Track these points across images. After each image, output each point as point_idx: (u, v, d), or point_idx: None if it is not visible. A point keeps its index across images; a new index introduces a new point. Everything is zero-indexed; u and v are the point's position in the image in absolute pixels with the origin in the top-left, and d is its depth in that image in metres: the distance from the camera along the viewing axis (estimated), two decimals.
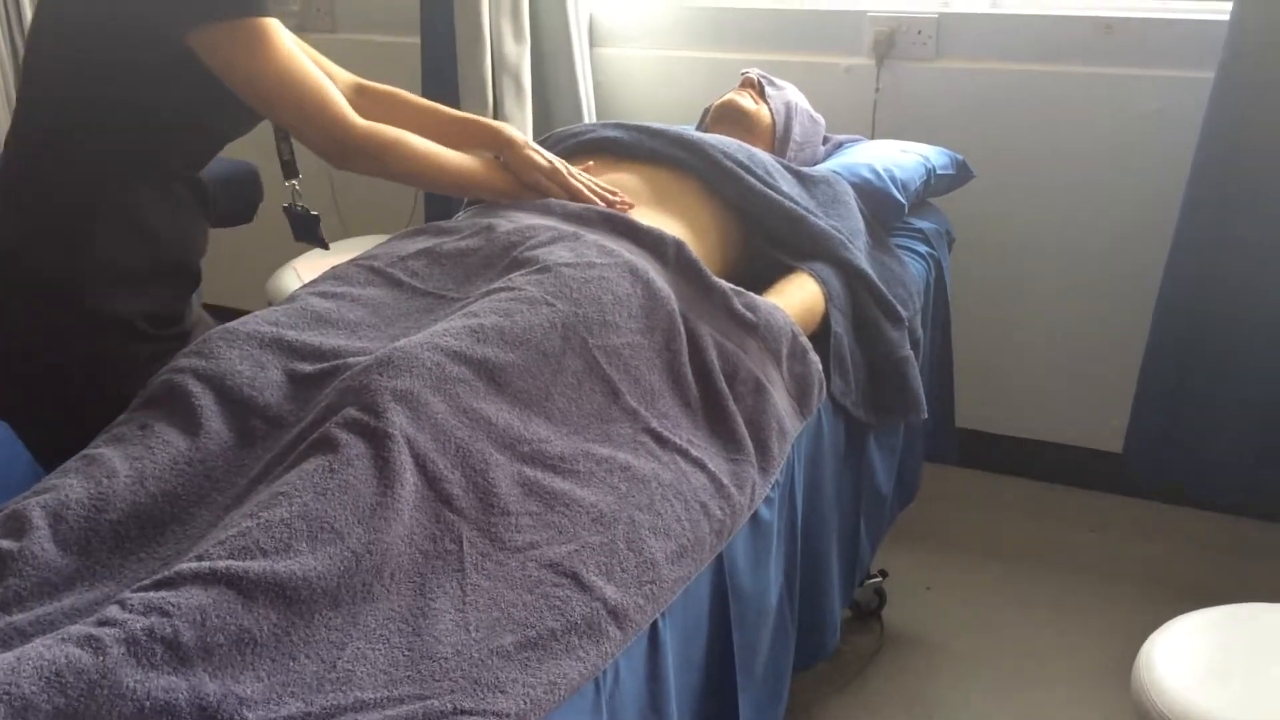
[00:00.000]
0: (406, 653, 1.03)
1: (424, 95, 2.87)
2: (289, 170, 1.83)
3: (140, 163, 1.55)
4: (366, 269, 1.55)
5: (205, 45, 1.45)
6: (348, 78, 1.85)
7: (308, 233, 1.88)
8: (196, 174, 1.65)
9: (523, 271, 1.46)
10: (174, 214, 1.60)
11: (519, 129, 2.74)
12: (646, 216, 1.69)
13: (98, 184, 1.52)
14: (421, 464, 1.17)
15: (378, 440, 1.16)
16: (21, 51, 3.29)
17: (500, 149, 1.75)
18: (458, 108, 2.79)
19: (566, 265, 1.46)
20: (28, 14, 3.29)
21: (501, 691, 1.00)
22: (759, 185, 1.83)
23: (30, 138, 1.55)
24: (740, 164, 1.84)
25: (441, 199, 2.90)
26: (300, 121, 1.53)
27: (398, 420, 1.18)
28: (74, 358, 1.51)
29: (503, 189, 1.73)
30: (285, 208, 1.86)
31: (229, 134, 1.67)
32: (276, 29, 1.50)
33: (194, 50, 1.45)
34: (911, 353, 1.83)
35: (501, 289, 1.43)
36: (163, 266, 1.59)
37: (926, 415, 1.85)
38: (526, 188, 1.73)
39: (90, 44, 1.48)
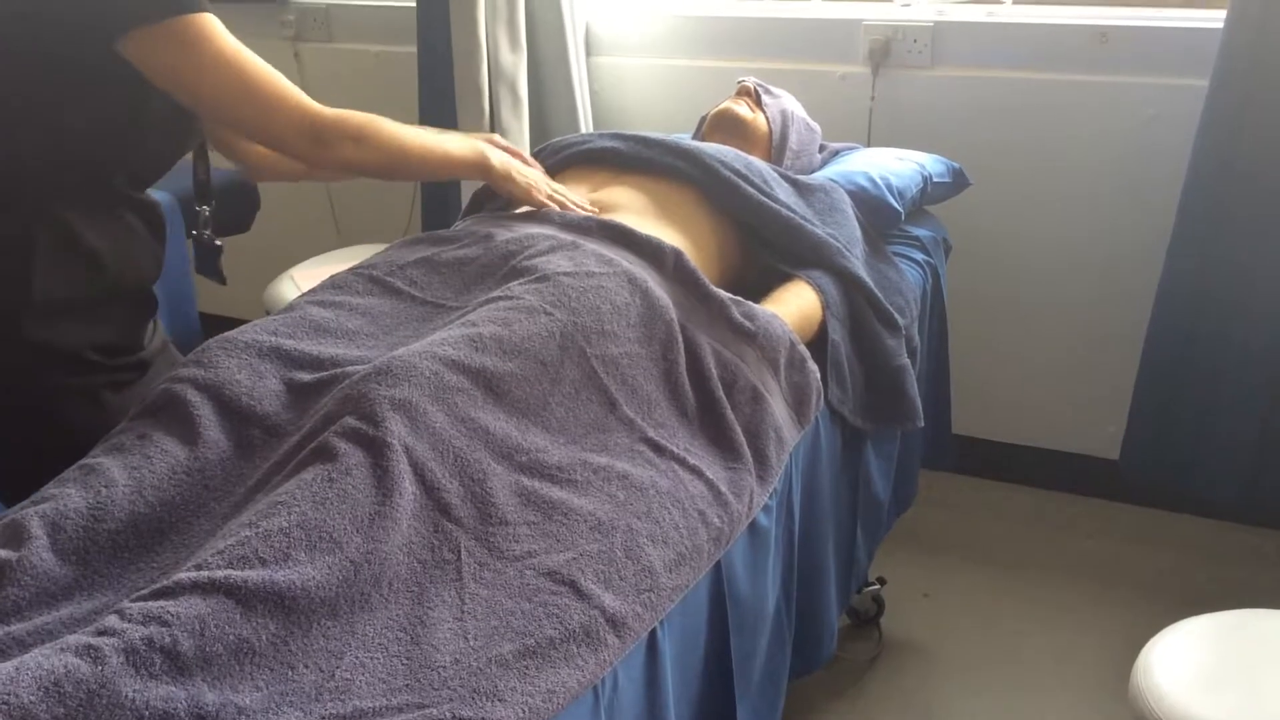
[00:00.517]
0: (405, 661, 1.03)
1: (420, 105, 2.90)
2: (202, 194, 1.71)
3: (77, 185, 1.46)
4: (365, 278, 1.55)
5: (140, 52, 1.37)
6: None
7: (208, 264, 1.77)
8: (142, 194, 1.56)
9: (521, 280, 1.47)
10: (118, 239, 1.51)
11: (516, 138, 2.76)
12: (644, 226, 1.69)
13: (31, 209, 1.43)
14: (420, 473, 1.17)
15: (376, 449, 1.16)
16: None
17: (481, 177, 1.71)
18: (454, 116, 2.80)
19: (565, 274, 1.46)
20: None
21: (500, 700, 1.00)
22: (756, 194, 1.84)
23: None
24: (737, 173, 1.85)
25: (439, 208, 2.91)
26: (261, 116, 1.44)
27: (396, 429, 1.18)
28: (23, 395, 1.43)
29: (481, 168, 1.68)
30: (192, 235, 1.76)
31: (171, 150, 1.57)
32: (214, 24, 1.41)
33: (128, 59, 1.37)
34: (908, 361, 1.83)
35: (500, 298, 1.43)
36: (110, 294, 1.51)
37: (923, 424, 1.85)
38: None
39: (14, 59, 1.40)
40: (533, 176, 1.74)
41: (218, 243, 1.76)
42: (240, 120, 1.49)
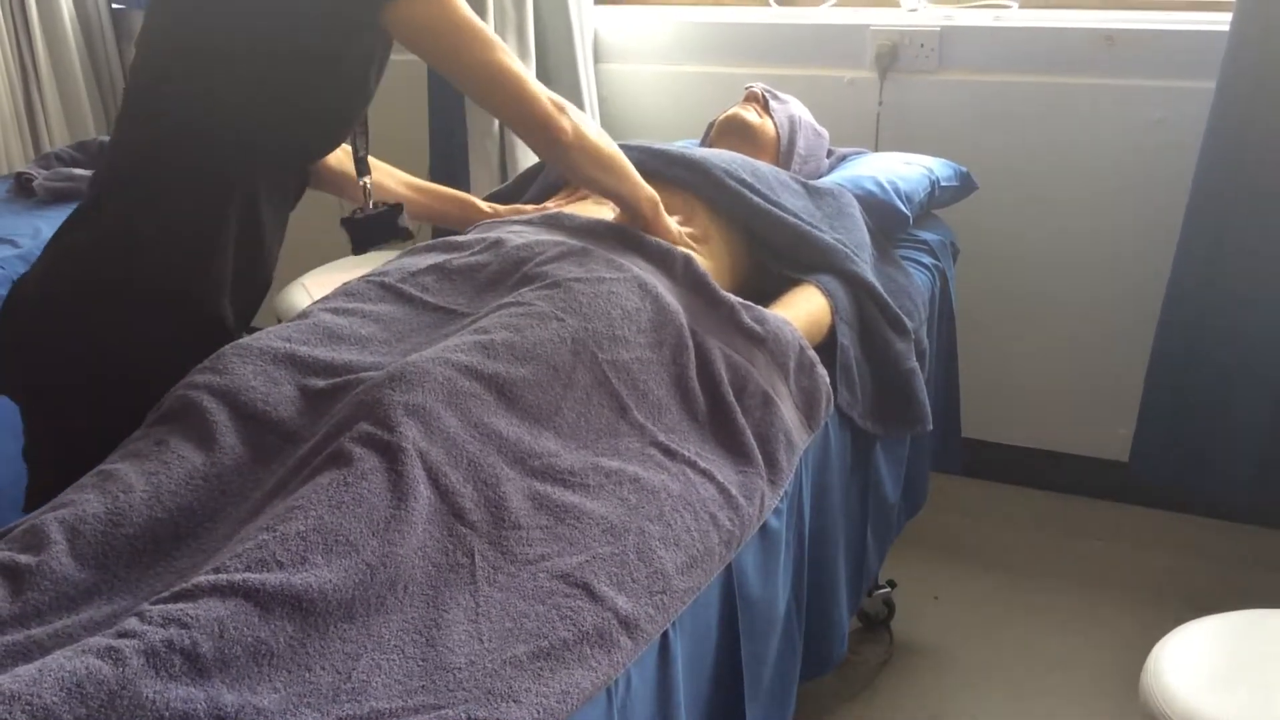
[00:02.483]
0: (421, 663, 1.04)
1: (430, 113, 2.92)
2: (362, 168, 1.76)
3: (278, 168, 1.56)
4: (378, 285, 1.56)
5: (403, 19, 1.46)
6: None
7: (385, 229, 1.77)
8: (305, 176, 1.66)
9: (533, 287, 1.48)
10: (280, 221, 1.60)
11: (523, 145, 2.76)
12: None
13: (237, 189, 1.51)
14: (434, 477, 1.18)
15: (391, 454, 1.17)
16: (29, 56, 3.31)
17: (646, 210, 1.71)
18: (463, 125, 2.82)
19: (576, 280, 1.47)
20: (35, 23, 3.29)
21: (515, 701, 1.01)
22: (763, 203, 1.85)
23: (159, 147, 1.51)
24: (743, 182, 1.86)
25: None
26: (512, 84, 1.51)
27: (410, 434, 1.19)
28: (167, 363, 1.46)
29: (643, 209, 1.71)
30: (352, 217, 1.78)
31: (342, 137, 1.66)
32: None
33: (387, 27, 1.47)
34: (917, 365, 1.84)
35: (512, 304, 1.44)
36: (261, 275, 1.60)
37: (932, 427, 1.85)
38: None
39: (266, 44, 1.48)
40: (682, 232, 1.78)
41: (391, 203, 1.79)
42: (493, 88, 1.53)
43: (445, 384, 1.26)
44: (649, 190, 1.70)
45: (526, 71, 1.55)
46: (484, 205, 1.94)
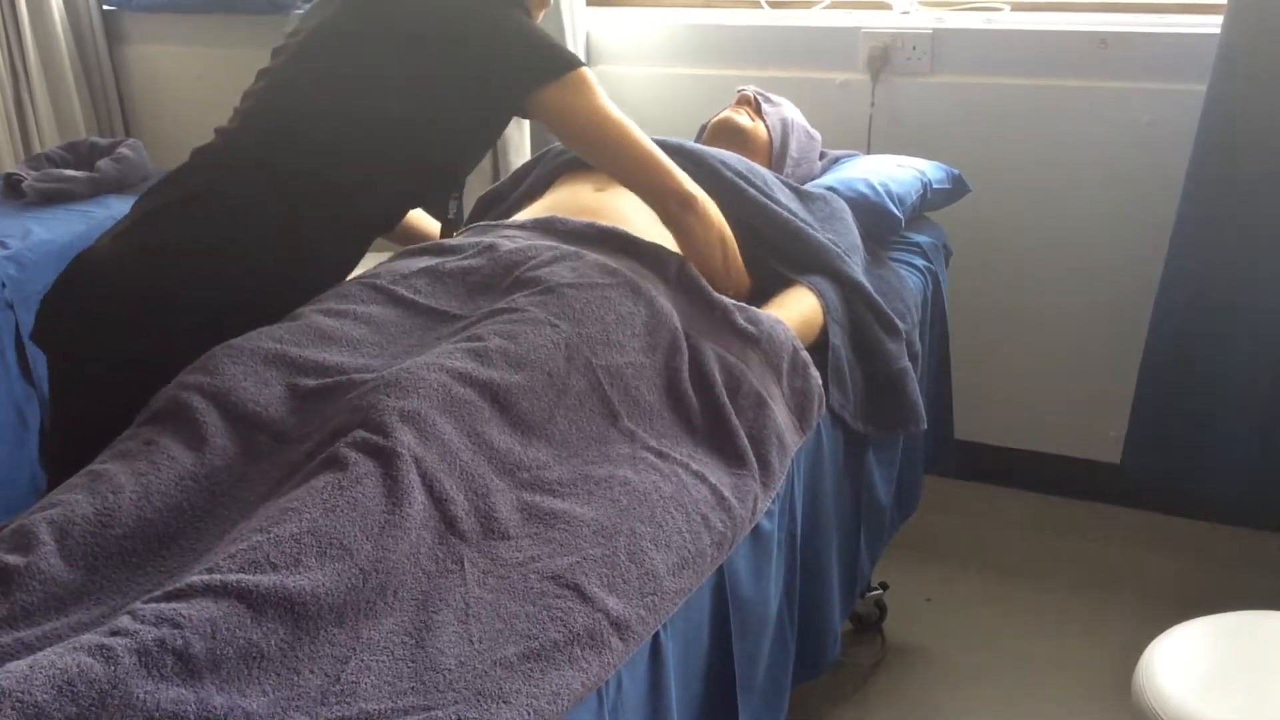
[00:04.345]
0: (410, 664, 1.03)
1: None
2: (454, 224, 1.88)
3: (363, 227, 1.67)
4: (369, 287, 1.56)
5: (547, 106, 1.59)
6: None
7: None
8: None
9: (526, 292, 1.47)
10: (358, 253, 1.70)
11: (517, 146, 2.77)
12: (646, 227, 1.70)
13: (322, 239, 1.62)
14: (429, 484, 1.18)
15: (386, 459, 1.17)
16: (19, 56, 3.30)
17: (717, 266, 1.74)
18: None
19: (569, 285, 1.47)
20: (25, 23, 3.28)
21: (505, 702, 1.01)
22: (759, 196, 1.85)
23: (276, 178, 1.59)
24: (740, 175, 1.86)
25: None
26: (641, 163, 1.62)
27: (406, 440, 1.19)
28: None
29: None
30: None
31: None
32: (593, 76, 1.61)
33: (528, 110, 1.60)
34: (909, 364, 1.84)
35: (505, 310, 1.44)
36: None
37: (925, 426, 1.85)
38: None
39: (395, 118, 1.58)
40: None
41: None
42: (626, 168, 1.65)
43: (440, 390, 1.26)
44: (741, 275, 1.75)
45: (654, 146, 1.64)
46: None
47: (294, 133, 1.61)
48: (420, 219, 1.99)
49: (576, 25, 2.85)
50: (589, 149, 1.67)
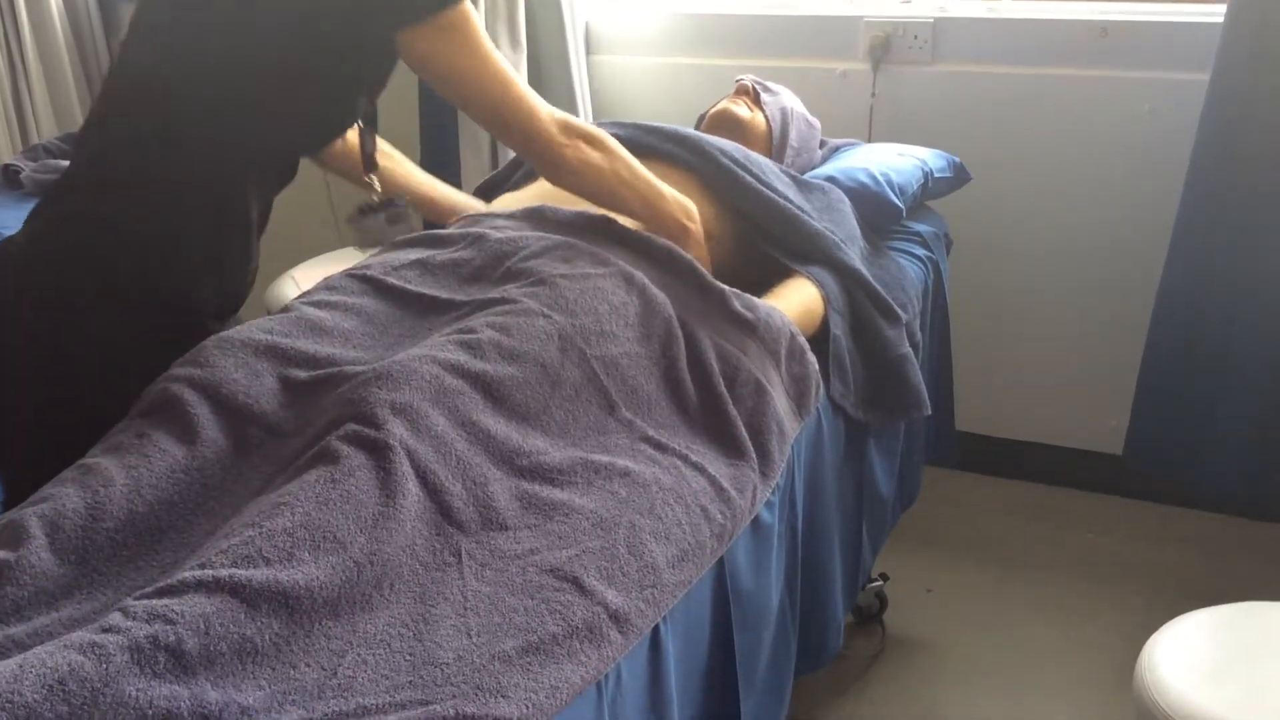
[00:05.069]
0: (408, 658, 1.02)
1: (420, 104, 2.90)
2: (369, 164, 1.74)
3: (273, 166, 1.56)
4: (360, 279, 1.55)
5: (417, 48, 1.46)
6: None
7: (395, 227, 1.76)
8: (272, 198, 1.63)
9: (518, 284, 1.46)
10: (260, 221, 1.58)
11: None
12: None
13: (209, 188, 1.50)
14: (422, 475, 1.17)
15: (378, 451, 1.16)
16: (16, 48, 3.29)
17: (675, 231, 1.69)
18: (453, 115, 2.80)
19: (562, 276, 1.46)
20: (22, 14, 3.27)
21: (504, 696, 1.00)
22: (756, 184, 1.84)
23: (143, 136, 1.48)
24: (738, 162, 1.85)
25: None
26: (519, 110, 1.51)
27: (398, 432, 1.18)
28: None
29: (669, 227, 1.68)
30: (362, 209, 1.77)
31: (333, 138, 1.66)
32: (474, 14, 1.48)
33: (399, 48, 1.46)
34: (910, 350, 1.83)
35: (497, 301, 1.43)
36: (245, 262, 1.59)
37: (929, 411, 1.84)
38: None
39: (281, 52, 1.46)
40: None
41: (398, 203, 1.78)
42: (500, 115, 1.53)
43: (432, 382, 1.25)
44: (677, 218, 1.68)
45: (536, 100, 1.54)
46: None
47: (164, 87, 1.50)
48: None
49: (576, 15, 2.84)
50: (462, 103, 1.56)
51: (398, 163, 1.87)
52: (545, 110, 1.54)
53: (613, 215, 1.67)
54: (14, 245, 1.52)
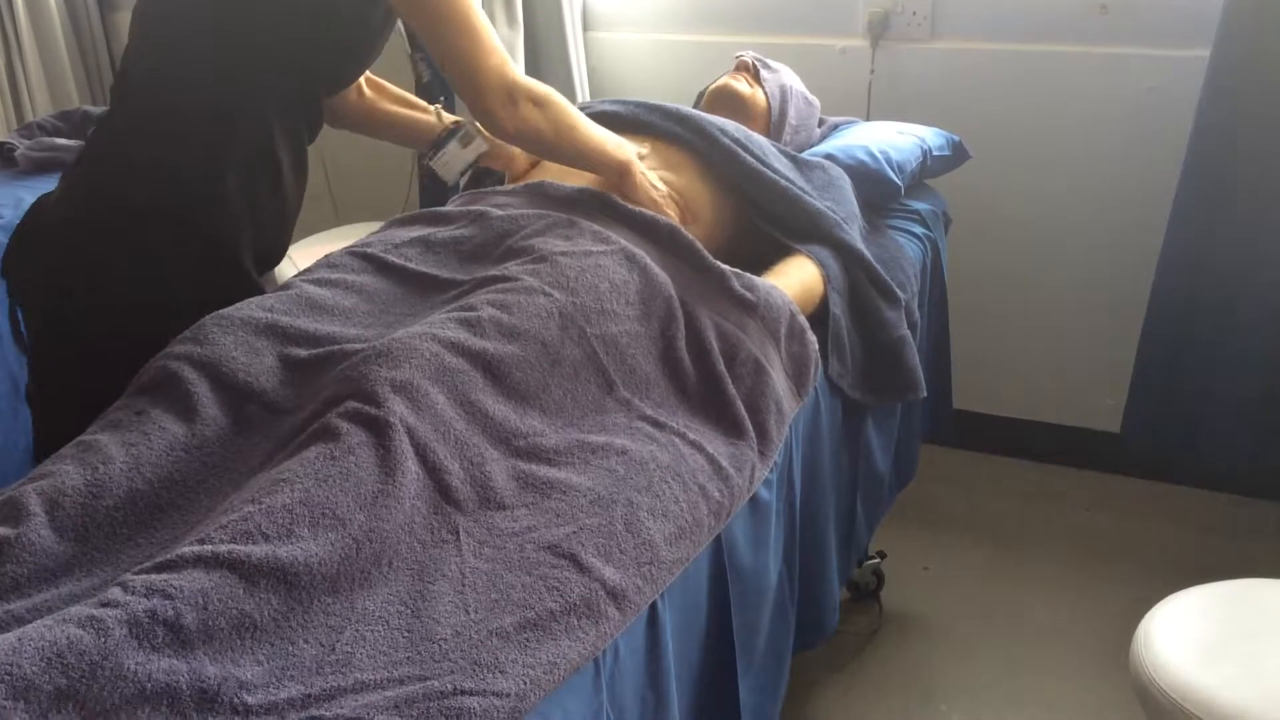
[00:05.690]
0: (406, 634, 1.03)
1: (416, 82, 2.88)
2: (429, 94, 1.81)
3: (280, 110, 1.57)
4: (360, 256, 1.55)
5: None
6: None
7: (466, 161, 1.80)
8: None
9: (519, 261, 1.46)
10: (297, 165, 1.62)
11: None
12: None
13: (235, 127, 1.54)
14: (422, 453, 1.17)
15: (378, 429, 1.16)
16: (10, 25, 3.28)
17: (621, 180, 1.72)
18: (450, 93, 2.78)
19: (562, 254, 1.46)
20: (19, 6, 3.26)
21: (501, 672, 1.00)
22: (755, 163, 1.83)
23: (166, 77, 1.54)
24: (737, 141, 1.84)
25: (437, 186, 2.90)
26: (473, 55, 1.52)
27: (397, 409, 1.18)
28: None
29: (609, 174, 1.71)
30: (435, 144, 1.80)
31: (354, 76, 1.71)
32: None
33: None
34: (909, 332, 1.83)
35: (498, 278, 1.42)
36: (282, 211, 1.63)
37: (925, 394, 1.84)
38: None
39: None
40: (663, 191, 1.77)
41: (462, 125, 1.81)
42: (452, 55, 1.55)
43: (432, 360, 1.25)
44: (619, 158, 1.70)
45: (494, 57, 1.55)
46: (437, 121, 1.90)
47: (174, 47, 1.55)
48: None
49: None
50: (427, 44, 1.57)
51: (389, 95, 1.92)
52: (496, 75, 1.56)
53: (612, 193, 1.66)
54: (50, 198, 1.57)
